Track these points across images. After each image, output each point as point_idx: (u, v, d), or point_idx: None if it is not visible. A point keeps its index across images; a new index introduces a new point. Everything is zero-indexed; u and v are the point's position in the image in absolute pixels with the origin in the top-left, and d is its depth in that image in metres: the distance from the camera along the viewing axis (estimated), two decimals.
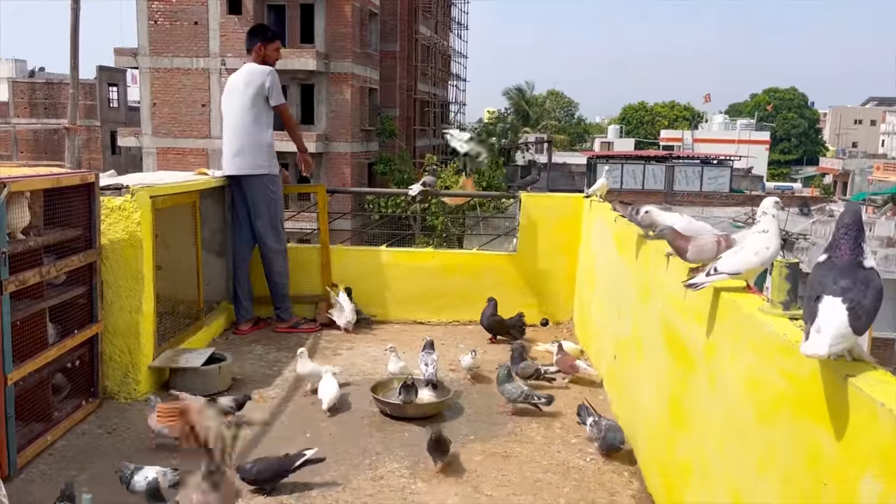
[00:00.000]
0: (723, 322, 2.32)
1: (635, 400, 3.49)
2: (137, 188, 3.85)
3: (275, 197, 5.12)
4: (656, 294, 3.22)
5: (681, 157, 46.88)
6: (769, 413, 1.95)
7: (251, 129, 4.96)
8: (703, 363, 2.51)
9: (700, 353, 2.54)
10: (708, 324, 2.48)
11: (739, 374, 2.17)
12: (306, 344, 4.95)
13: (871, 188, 47.50)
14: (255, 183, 5.02)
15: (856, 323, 1.57)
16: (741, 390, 2.14)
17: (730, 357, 2.25)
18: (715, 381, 2.38)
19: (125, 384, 3.87)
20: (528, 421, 3.76)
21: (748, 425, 2.08)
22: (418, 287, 5.55)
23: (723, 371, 2.30)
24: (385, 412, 3.79)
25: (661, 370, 3.03)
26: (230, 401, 3.51)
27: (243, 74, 5.03)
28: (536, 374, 4.17)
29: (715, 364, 2.38)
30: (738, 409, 2.16)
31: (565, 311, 5.60)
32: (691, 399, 2.62)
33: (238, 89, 5.00)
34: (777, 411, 1.90)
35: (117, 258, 3.81)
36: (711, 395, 2.40)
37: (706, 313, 2.50)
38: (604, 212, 4.69)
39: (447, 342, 5.00)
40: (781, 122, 74.83)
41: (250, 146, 4.97)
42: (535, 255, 5.58)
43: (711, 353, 2.42)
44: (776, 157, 72.01)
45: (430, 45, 37.66)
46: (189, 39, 26.90)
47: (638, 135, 70.63)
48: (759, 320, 2.04)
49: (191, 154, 27.25)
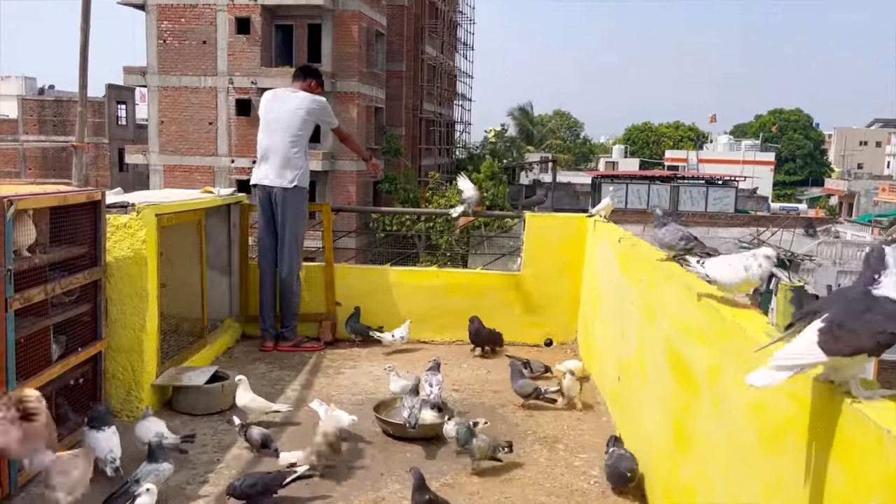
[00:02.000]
0: (727, 344, 2.31)
1: (639, 422, 3.46)
2: (143, 206, 3.87)
3: (303, 215, 5.24)
4: (661, 315, 3.20)
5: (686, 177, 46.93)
6: (774, 438, 1.93)
7: (295, 147, 5.15)
8: (707, 386, 2.49)
9: (704, 376, 2.52)
10: (712, 345, 2.46)
11: (744, 397, 2.15)
12: (310, 362, 4.95)
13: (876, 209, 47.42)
14: (290, 197, 5.11)
15: (828, 344, 1.53)
16: (746, 414, 2.12)
17: (734, 380, 2.23)
18: (719, 405, 2.36)
19: (128, 402, 3.86)
20: (532, 443, 3.73)
21: (753, 450, 2.05)
22: (422, 306, 5.54)
23: (727, 395, 2.28)
24: (387, 432, 3.77)
25: (665, 392, 3.01)
26: (259, 434, 3.43)
27: (295, 98, 5.22)
28: (536, 393, 4.15)
29: (719, 387, 2.36)
30: (742, 433, 2.14)
31: (569, 331, 5.58)
32: (695, 423, 2.60)
33: (288, 108, 5.18)
34: (782, 437, 1.88)
35: (122, 276, 3.81)
36: (716, 419, 2.38)
37: (710, 336, 2.49)
38: (608, 232, 4.69)
39: (450, 361, 4.98)
40: (787, 143, 74.92)
41: (291, 162, 5.12)
42: (539, 275, 5.57)
43: (716, 376, 2.40)
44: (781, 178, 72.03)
45: (435, 66, 37.91)
46: (197, 58, 27.14)
47: (643, 155, 70.80)
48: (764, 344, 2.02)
49: (197, 171, 27.38)
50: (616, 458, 3.18)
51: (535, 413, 4.12)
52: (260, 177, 5.17)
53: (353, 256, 13.51)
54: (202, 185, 5.47)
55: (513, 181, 43.03)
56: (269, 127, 5.19)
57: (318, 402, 3.72)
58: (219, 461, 3.43)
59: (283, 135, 5.12)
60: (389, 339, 5.26)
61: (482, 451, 3.35)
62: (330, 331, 5.39)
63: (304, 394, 4.36)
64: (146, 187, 25.35)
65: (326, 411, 3.62)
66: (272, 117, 5.19)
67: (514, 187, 42.25)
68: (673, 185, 42.08)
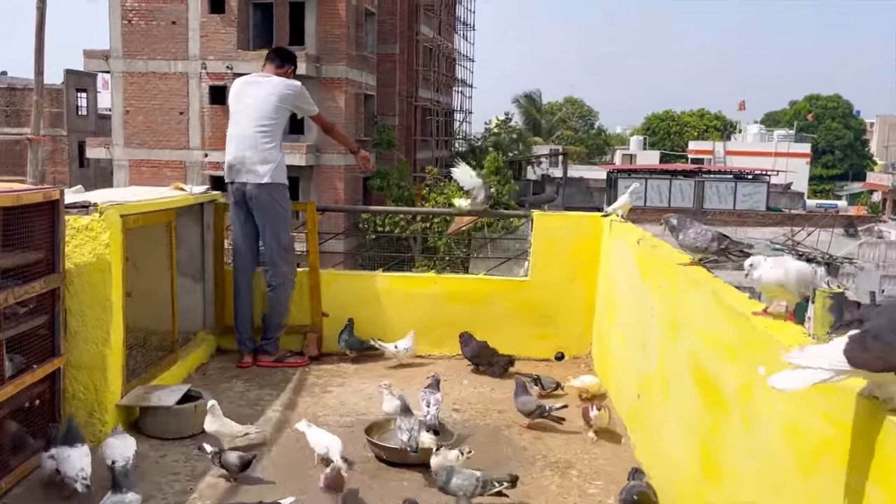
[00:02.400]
0: (759, 359, 2.31)
1: (661, 445, 3.47)
2: (106, 206, 3.87)
3: (284, 212, 5.22)
4: (685, 327, 3.21)
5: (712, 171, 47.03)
6: (812, 462, 1.93)
7: (266, 138, 5.11)
8: (737, 405, 2.49)
9: (734, 394, 2.53)
10: (742, 360, 2.47)
11: (778, 418, 2.15)
12: (293, 380, 4.95)
13: None
14: (265, 194, 5.10)
15: (856, 354, 1.52)
16: (781, 437, 2.13)
17: (767, 399, 2.23)
18: (751, 426, 2.36)
19: (90, 424, 3.86)
20: (541, 468, 3.73)
21: (788, 476, 2.06)
22: (418, 316, 5.54)
23: (760, 415, 2.29)
24: (381, 457, 3.77)
25: (691, 412, 3.01)
26: (237, 458, 3.47)
27: (267, 84, 5.20)
28: (540, 411, 4.15)
29: (751, 407, 2.37)
30: (777, 457, 2.15)
31: (583, 344, 5.58)
32: (724, 446, 2.60)
33: (259, 94, 5.16)
34: (820, 460, 1.88)
35: (83, 284, 3.81)
36: (747, 442, 2.38)
37: (740, 349, 2.49)
38: (625, 233, 4.69)
39: (450, 378, 4.98)
40: (824, 132, 75.03)
41: (263, 154, 5.10)
42: (548, 282, 5.57)
43: (747, 394, 2.40)
44: (818, 172, 72.12)
45: (432, 48, 37.97)
46: (166, 41, 27.16)
47: (664, 147, 70.88)
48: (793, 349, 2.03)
49: (167, 167, 27.39)
50: (628, 489, 3.17)
51: (544, 435, 4.12)
52: (231, 172, 5.17)
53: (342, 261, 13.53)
54: (172, 182, 5.48)
55: (519, 176, 43.09)
56: (238, 116, 5.19)
57: (307, 424, 3.72)
58: (192, 490, 3.43)
59: (254, 124, 5.10)
60: (392, 350, 5.26)
61: (467, 491, 3.18)
62: (315, 345, 5.39)
63: (286, 415, 4.36)
64: (109, 184, 25.37)
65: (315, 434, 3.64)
66: (241, 107, 5.19)
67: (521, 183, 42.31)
68: (697, 179, 42.16)
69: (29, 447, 3.51)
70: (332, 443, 3.59)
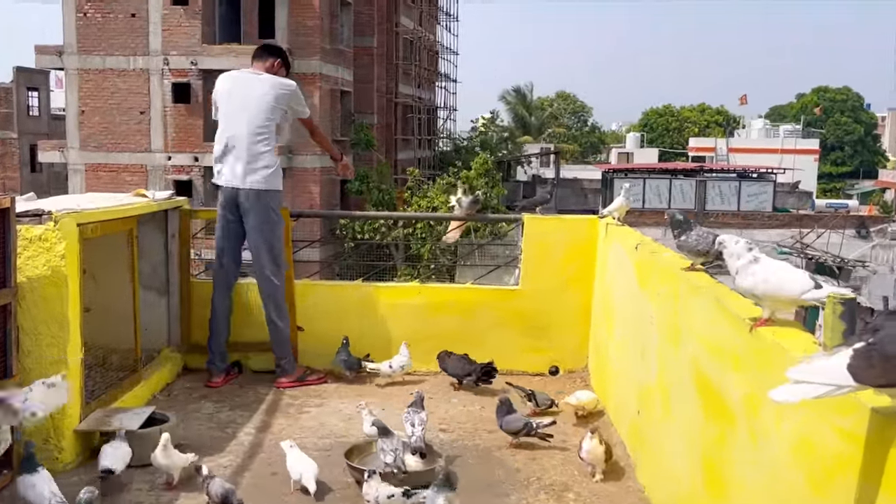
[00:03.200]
0: (766, 370, 2.33)
1: (662, 463, 3.49)
2: (61, 214, 3.85)
3: (277, 220, 5.23)
4: (687, 336, 3.23)
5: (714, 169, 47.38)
6: (824, 480, 1.95)
7: (263, 141, 5.13)
8: (743, 419, 2.51)
9: (740, 408, 2.55)
10: (748, 371, 2.49)
11: (788, 433, 2.17)
12: (266, 400, 4.94)
13: None
14: (261, 200, 5.11)
15: (860, 370, 1.53)
16: (790, 453, 2.15)
17: (775, 413, 2.25)
18: (758, 442, 2.38)
19: (45, 451, 3.81)
20: (535, 491, 3.74)
21: (799, 494, 2.08)
22: (401, 329, 5.54)
23: (767, 430, 2.31)
24: (361, 482, 3.75)
25: (693, 425, 3.03)
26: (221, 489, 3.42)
27: (261, 81, 5.21)
28: (526, 429, 4.14)
29: (758, 421, 2.39)
30: (786, 474, 2.17)
31: (579, 357, 5.59)
32: (729, 461, 2.62)
33: (253, 93, 5.17)
34: (833, 478, 1.90)
35: (36, 299, 3.79)
36: (754, 458, 2.40)
37: (746, 359, 2.52)
38: (622, 237, 4.72)
39: (437, 395, 4.99)
40: (833, 127, 75.76)
41: (259, 158, 5.11)
42: (541, 290, 5.59)
43: (754, 407, 2.42)
44: (827, 170, 72.79)
45: (413, 40, 38.05)
46: (125, 35, 27.06)
47: (663, 144, 71.36)
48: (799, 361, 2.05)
49: (126, 171, 27.28)
50: None
51: (538, 455, 4.13)
52: (224, 177, 5.17)
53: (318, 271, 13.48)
54: (132, 188, 5.46)
55: (508, 177, 43.22)
56: (231, 117, 5.18)
57: (290, 444, 3.72)
58: None
59: (249, 126, 5.10)
60: (387, 370, 5.22)
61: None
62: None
63: (259, 438, 4.35)
64: (64, 191, 25.20)
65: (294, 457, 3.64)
66: (234, 106, 5.18)
67: (511, 184, 42.46)
68: (699, 179, 42.48)
69: None
70: (306, 468, 3.59)
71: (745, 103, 72.71)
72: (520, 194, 42.90)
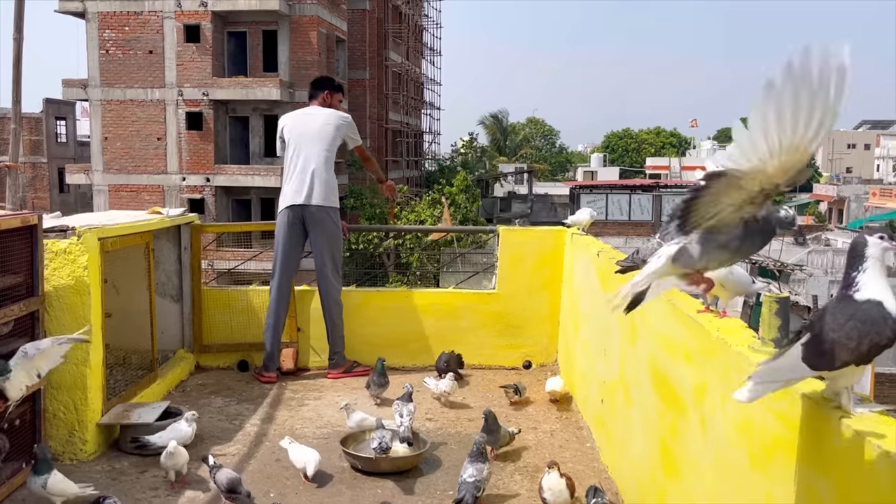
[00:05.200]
0: (711, 361, 2.34)
1: (624, 448, 3.49)
2: (84, 229, 3.82)
3: (339, 232, 5.35)
4: (643, 332, 3.24)
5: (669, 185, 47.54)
6: (763, 459, 1.96)
7: (325, 166, 5.25)
8: (693, 407, 2.52)
9: (690, 396, 2.55)
10: (696, 363, 2.50)
11: (731, 417, 2.18)
12: (270, 395, 4.91)
13: (867, 215, 48.47)
14: (325, 216, 5.20)
15: (813, 359, 1.55)
16: (734, 435, 2.15)
17: (720, 399, 2.26)
18: (706, 426, 2.39)
19: (70, 444, 3.79)
20: (511, 473, 3.73)
21: (742, 472, 2.08)
22: (390, 330, 5.53)
23: (714, 415, 2.31)
24: (356, 467, 3.74)
25: (651, 415, 3.03)
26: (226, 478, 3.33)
27: (322, 115, 5.34)
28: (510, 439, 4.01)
29: (706, 407, 2.39)
30: (730, 455, 2.17)
31: (549, 352, 5.60)
32: (682, 446, 2.62)
33: (317, 122, 5.30)
34: (772, 457, 1.91)
35: (62, 306, 3.76)
36: (703, 441, 2.41)
37: (694, 352, 2.52)
38: (586, 245, 4.73)
39: (423, 389, 4.95)
40: None
41: (323, 181, 5.21)
42: (515, 294, 5.60)
43: (702, 395, 2.43)
44: None
45: (401, 73, 38.10)
46: (143, 69, 26.94)
47: (623, 163, 71.68)
48: (750, 359, 2.06)
49: (146, 191, 27.11)
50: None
51: (515, 441, 4.11)
52: (295, 196, 5.19)
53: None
54: (151, 206, 5.43)
55: (486, 194, 43.27)
56: (300, 143, 5.25)
57: (289, 440, 3.70)
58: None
59: (317, 150, 5.22)
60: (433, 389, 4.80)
61: None
62: (292, 359, 5.35)
63: (264, 429, 4.32)
64: (90, 209, 25.01)
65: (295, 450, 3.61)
66: (300, 134, 5.27)
67: (489, 200, 42.51)
68: (655, 194, 42.61)
69: (10, 468, 3.43)
70: (309, 458, 3.56)
71: (696, 126, 73.47)
72: (497, 208, 43.04)
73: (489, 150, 51.82)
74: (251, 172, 26.80)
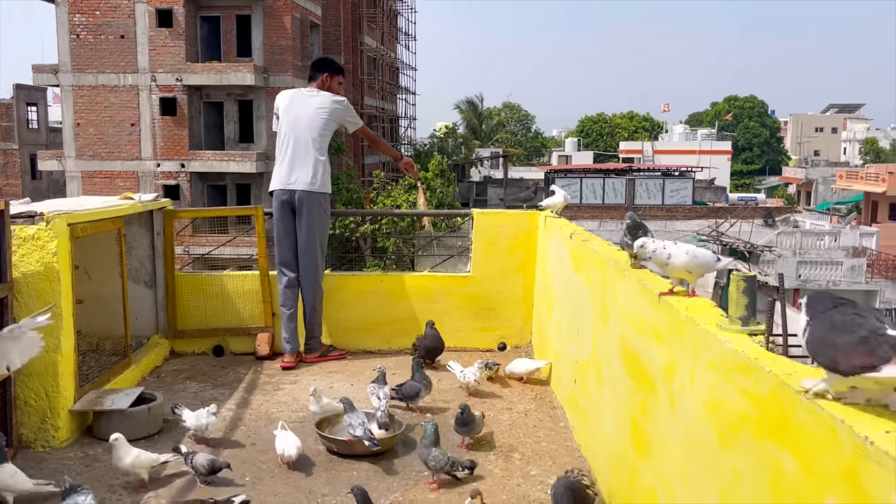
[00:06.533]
0: (680, 340, 2.35)
1: (597, 427, 3.51)
2: (53, 215, 3.74)
3: (328, 219, 5.31)
4: (615, 313, 3.25)
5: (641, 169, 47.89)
6: (731, 436, 1.97)
7: (315, 151, 5.15)
8: (663, 385, 2.53)
9: (660, 375, 2.56)
10: (666, 342, 2.50)
11: (699, 395, 2.19)
12: (245, 379, 4.87)
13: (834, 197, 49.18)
14: (317, 202, 5.15)
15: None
16: (702, 413, 2.17)
17: (689, 377, 2.27)
18: (675, 404, 2.40)
19: (42, 431, 3.73)
20: (486, 453, 3.74)
21: (710, 450, 2.10)
22: (366, 313, 5.51)
23: (683, 393, 2.33)
24: (332, 450, 3.73)
25: (622, 394, 3.05)
26: (206, 461, 3.32)
27: (317, 98, 5.24)
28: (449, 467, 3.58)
29: (675, 385, 2.40)
30: (699, 432, 2.18)
31: (524, 334, 5.61)
32: (653, 424, 2.64)
33: (309, 107, 5.20)
34: (738, 434, 1.92)
35: (31, 293, 3.68)
36: (672, 419, 2.42)
37: (664, 331, 2.53)
38: (559, 228, 4.74)
39: (399, 372, 4.95)
40: (743, 131, 77.11)
41: (314, 165, 5.14)
42: (490, 276, 5.59)
43: (671, 373, 2.44)
44: (739, 168, 74.12)
45: (376, 57, 37.80)
46: (115, 54, 26.48)
47: (597, 147, 71.98)
48: (717, 337, 2.07)
49: (120, 177, 26.75)
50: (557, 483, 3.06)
51: (489, 421, 4.12)
52: (284, 180, 5.13)
53: None
54: (125, 192, 5.34)
55: (462, 178, 43.24)
56: (292, 127, 5.17)
57: (281, 426, 3.64)
58: (146, 490, 3.35)
59: (308, 135, 5.14)
60: (460, 376, 4.59)
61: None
62: (267, 344, 5.31)
63: (240, 413, 4.28)
64: (63, 196, 24.61)
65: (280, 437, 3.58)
66: (293, 116, 5.18)
67: (465, 184, 42.48)
68: (628, 177, 42.91)
69: None
70: (287, 443, 3.52)
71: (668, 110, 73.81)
72: (473, 193, 43.03)
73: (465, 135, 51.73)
74: (226, 158, 26.52)
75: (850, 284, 27.16)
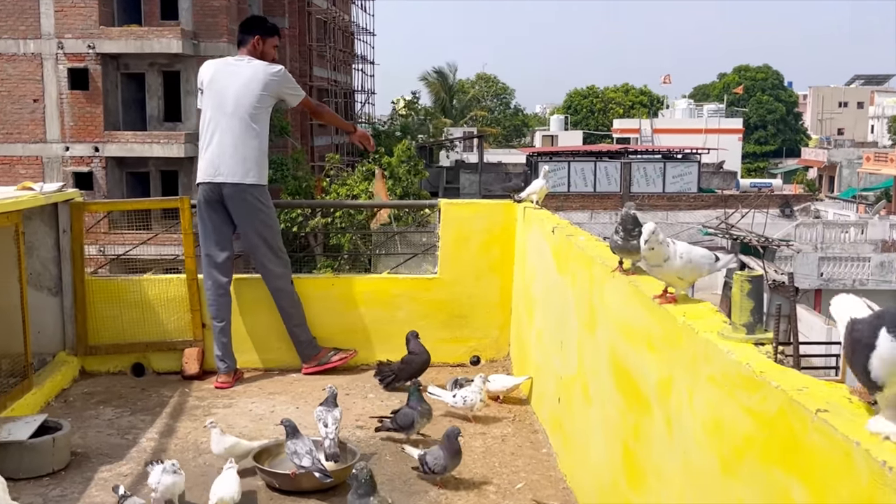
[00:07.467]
0: (677, 350, 2.38)
1: (584, 453, 3.53)
2: None
3: (270, 213, 5.23)
4: (603, 319, 3.28)
5: (639, 151, 48.32)
6: (734, 462, 2.00)
7: (244, 136, 5.04)
8: (658, 404, 2.56)
9: (654, 391, 2.59)
10: (661, 354, 2.53)
11: (699, 414, 2.22)
12: (170, 403, 4.83)
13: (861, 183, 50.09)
14: (249, 196, 5.06)
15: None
16: (702, 435, 2.19)
17: (688, 394, 2.30)
18: (672, 426, 2.42)
19: None
20: (454, 487, 3.74)
21: (712, 477, 2.12)
22: (314, 323, 5.47)
23: (680, 412, 2.35)
24: (273, 486, 3.71)
25: (612, 414, 3.08)
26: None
27: (247, 68, 5.12)
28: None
29: (672, 404, 2.43)
30: (699, 458, 2.21)
31: (501, 345, 5.63)
32: (647, 449, 2.67)
33: (237, 80, 5.07)
34: (743, 459, 1.95)
35: None
36: (669, 444, 2.45)
37: (659, 340, 2.56)
38: (540, 221, 4.76)
39: (352, 391, 4.95)
40: (755, 106, 78.03)
41: (241, 154, 5.03)
42: (461, 278, 5.60)
43: (667, 390, 2.47)
44: (752, 149, 75.05)
45: (327, 20, 37.67)
46: (13, 17, 26.04)
47: (587, 126, 72.51)
48: (719, 347, 2.09)
49: (21, 164, 26.33)
50: None
51: None
52: (210, 172, 5.04)
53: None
54: (21, 181, 5.28)
55: (430, 163, 43.24)
56: (218, 105, 5.06)
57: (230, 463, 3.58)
58: None
59: (233, 116, 5.02)
60: (451, 401, 4.52)
61: None
62: (196, 361, 5.26)
63: (163, 443, 4.25)
64: None
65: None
66: (218, 92, 5.07)
67: (434, 170, 42.49)
68: (624, 161, 43.26)
69: None
70: (224, 487, 3.45)
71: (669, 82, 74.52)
72: (443, 179, 43.06)
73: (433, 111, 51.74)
74: (149, 140, 26.22)
75: (879, 284, 27.53)
